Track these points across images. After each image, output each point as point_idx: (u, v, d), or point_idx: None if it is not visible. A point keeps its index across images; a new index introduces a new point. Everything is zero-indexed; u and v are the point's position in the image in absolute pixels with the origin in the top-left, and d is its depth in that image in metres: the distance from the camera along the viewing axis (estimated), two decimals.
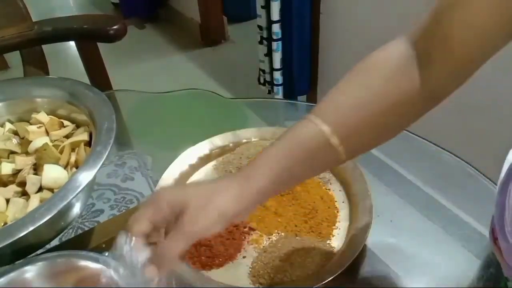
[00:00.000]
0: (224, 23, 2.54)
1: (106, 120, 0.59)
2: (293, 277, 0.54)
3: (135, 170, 0.82)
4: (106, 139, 0.56)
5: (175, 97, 0.96)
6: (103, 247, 0.61)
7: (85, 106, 0.64)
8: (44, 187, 0.57)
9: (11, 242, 0.45)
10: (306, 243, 0.58)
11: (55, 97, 0.67)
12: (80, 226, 0.71)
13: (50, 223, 0.47)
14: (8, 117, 0.68)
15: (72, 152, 0.61)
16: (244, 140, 0.75)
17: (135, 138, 0.93)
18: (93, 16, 1.21)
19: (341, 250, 0.57)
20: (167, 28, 2.75)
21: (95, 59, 1.13)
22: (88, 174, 0.51)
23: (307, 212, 0.62)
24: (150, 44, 2.62)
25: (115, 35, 1.02)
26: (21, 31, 1.00)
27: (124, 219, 0.65)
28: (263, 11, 1.68)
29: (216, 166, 0.72)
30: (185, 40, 2.60)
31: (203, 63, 2.40)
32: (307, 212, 0.62)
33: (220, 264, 0.57)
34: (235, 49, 2.52)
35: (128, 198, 0.76)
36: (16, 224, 0.46)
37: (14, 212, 0.55)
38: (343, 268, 0.52)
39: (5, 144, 0.62)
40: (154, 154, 0.85)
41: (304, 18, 1.65)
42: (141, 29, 2.77)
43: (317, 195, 0.65)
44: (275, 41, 1.70)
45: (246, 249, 0.59)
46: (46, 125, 0.65)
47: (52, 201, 0.48)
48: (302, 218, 0.62)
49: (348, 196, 0.65)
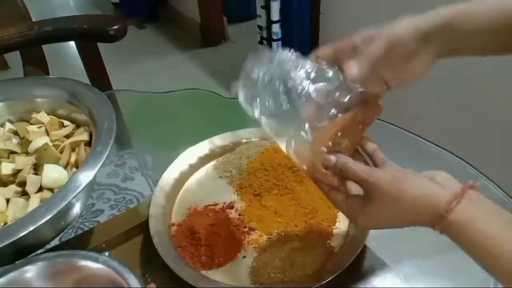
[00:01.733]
0: (224, 23, 2.55)
1: (106, 120, 0.59)
2: (293, 277, 0.54)
3: (135, 170, 0.82)
4: (106, 139, 0.56)
5: (175, 97, 0.96)
6: (103, 247, 0.61)
7: (85, 106, 0.64)
8: (44, 187, 0.57)
9: (11, 242, 0.45)
10: (306, 243, 0.58)
11: (55, 97, 0.67)
12: (80, 226, 0.71)
13: (50, 223, 0.47)
14: (8, 117, 0.68)
15: (72, 152, 0.61)
16: (244, 140, 0.75)
17: (135, 138, 0.93)
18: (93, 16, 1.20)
19: (341, 250, 0.57)
20: (167, 28, 2.75)
21: (95, 59, 1.13)
22: (88, 174, 0.51)
23: (307, 212, 0.62)
24: (150, 44, 2.62)
25: (115, 35, 1.02)
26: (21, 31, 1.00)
27: (124, 219, 0.66)
28: (263, 11, 1.68)
29: (216, 166, 0.72)
30: (185, 40, 2.60)
31: (203, 63, 2.40)
32: (307, 212, 0.62)
33: (220, 264, 0.57)
34: (235, 49, 2.52)
35: (128, 198, 0.76)
36: (16, 224, 0.47)
37: (14, 212, 0.55)
38: (343, 268, 0.52)
39: (5, 144, 0.62)
40: (154, 154, 0.85)
41: (304, 18, 1.65)
42: (141, 29, 2.77)
43: (317, 195, 0.65)
44: (275, 41, 1.70)
45: (246, 249, 0.59)
46: (46, 125, 0.65)
47: (52, 201, 0.48)
48: (302, 218, 0.62)
49: None
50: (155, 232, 0.58)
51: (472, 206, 0.38)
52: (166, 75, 2.29)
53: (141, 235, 0.62)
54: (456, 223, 0.38)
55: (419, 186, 0.41)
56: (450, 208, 0.38)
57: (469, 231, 0.37)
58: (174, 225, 0.63)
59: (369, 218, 0.44)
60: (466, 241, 0.38)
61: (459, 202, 0.38)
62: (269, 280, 0.54)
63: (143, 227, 0.61)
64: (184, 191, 0.69)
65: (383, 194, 0.42)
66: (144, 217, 0.62)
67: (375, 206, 0.43)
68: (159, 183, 0.66)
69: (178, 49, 2.55)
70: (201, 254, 0.58)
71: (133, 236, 0.62)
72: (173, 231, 0.62)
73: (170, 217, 0.64)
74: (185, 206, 0.66)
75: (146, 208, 0.62)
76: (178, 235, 0.61)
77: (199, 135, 0.75)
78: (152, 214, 0.61)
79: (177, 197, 0.68)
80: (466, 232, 0.38)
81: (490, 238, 0.37)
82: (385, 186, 0.42)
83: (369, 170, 0.44)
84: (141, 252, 0.60)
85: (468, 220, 0.38)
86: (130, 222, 0.64)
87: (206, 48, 2.53)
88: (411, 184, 0.41)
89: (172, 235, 0.61)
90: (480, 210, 0.38)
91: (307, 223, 0.61)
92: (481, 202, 0.39)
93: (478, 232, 0.37)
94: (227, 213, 0.64)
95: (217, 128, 0.76)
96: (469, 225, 0.37)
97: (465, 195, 0.38)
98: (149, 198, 0.64)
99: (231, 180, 0.69)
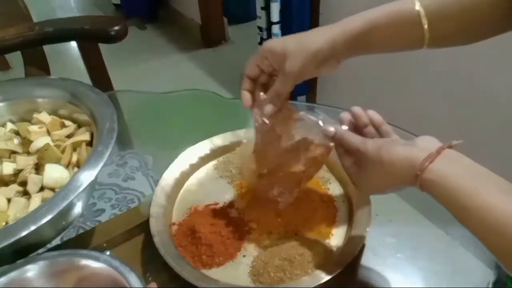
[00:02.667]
0: (225, 24, 2.55)
1: (107, 120, 0.59)
2: (293, 276, 0.54)
3: (136, 170, 0.82)
4: (108, 139, 0.56)
5: (176, 97, 0.96)
6: (104, 247, 0.61)
7: (87, 106, 0.64)
8: (45, 186, 0.57)
9: (13, 242, 0.45)
10: (305, 243, 0.58)
11: (57, 97, 0.67)
12: (81, 226, 0.71)
13: (52, 222, 0.47)
14: (10, 117, 0.68)
15: (73, 152, 0.61)
16: (244, 140, 0.75)
17: (136, 138, 0.93)
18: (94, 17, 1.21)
19: (341, 250, 0.57)
20: (168, 29, 2.76)
21: (96, 59, 1.13)
22: (89, 174, 0.52)
23: (306, 212, 0.62)
24: (151, 44, 2.62)
25: (116, 36, 1.02)
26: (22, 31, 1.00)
27: (125, 219, 0.66)
28: (263, 12, 1.68)
29: (217, 166, 0.73)
30: (185, 40, 2.61)
31: (204, 63, 2.40)
32: (306, 212, 0.62)
33: (221, 263, 0.57)
34: (235, 50, 2.52)
35: (129, 197, 0.77)
36: (18, 224, 0.47)
37: (15, 212, 0.55)
38: (343, 267, 0.52)
39: (7, 144, 0.63)
40: (155, 154, 0.85)
41: (304, 19, 1.65)
42: (142, 30, 2.77)
43: (316, 195, 0.65)
44: None
45: (246, 248, 0.59)
46: (48, 125, 0.65)
47: (54, 201, 0.49)
48: (302, 218, 0.62)
49: (348, 195, 0.65)
50: (156, 232, 0.59)
51: (446, 163, 0.40)
52: (167, 75, 2.29)
53: (142, 235, 0.62)
54: (430, 180, 0.40)
55: (398, 152, 0.44)
56: (424, 167, 0.41)
57: (442, 187, 0.40)
58: (175, 224, 0.63)
59: (363, 184, 0.50)
60: (441, 197, 0.40)
61: (433, 161, 0.40)
62: (269, 280, 0.54)
63: (144, 227, 0.61)
64: (185, 191, 0.69)
65: (369, 162, 0.46)
66: (145, 217, 0.62)
67: (366, 173, 0.48)
68: (159, 182, 0.67)
69: (179, 50, 2.56)
70: (202, 254, 0.58)
71: (134, 235, 0.63)
72: (174, 230, 0.62)
73: (170, 216, 0.64)
74: (186, 206, 0.66)
75: (147, 207, 0.63)
76: (179, 234, 0.61)
77: (199, 135, 0.75)
78: (153, 214, 0.61)
79: (177, 196, 0.68)
80: (441, 189, 0.40)
81: (464, 192, 0.38)
82: (371, 154, 0.46)
83: (361, 141, 0.48)
84: (142, 252, 0.61)
85: (440, 178, 0.40)
86: (131, 221, 0.64)
87: (206, 49, 2.54)
88: (392, 150, 0.44)
89: (172, 235, 0.61)
90: (455, 167, 0.40)
91: (307, 222, 0.61)
92: (457, 159, 0.41)
93: (451, 188, 0.39)
94: (228, 212, 0.64)
95: (217, 128, 0.76)
96: (442, 182, 0.40)
97: (441, 154, 0.41)
98: (150, 198, 0.64)
99: (232, 180, 0.70)
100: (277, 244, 0.59)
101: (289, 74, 0.52)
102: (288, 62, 0.51)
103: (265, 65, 0.54)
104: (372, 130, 0.52)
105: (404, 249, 0.60)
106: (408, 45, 0.51)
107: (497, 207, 0.36)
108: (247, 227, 0.62)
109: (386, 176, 0.45)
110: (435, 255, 0.60)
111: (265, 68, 0.55)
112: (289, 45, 0.51)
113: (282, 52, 0.51)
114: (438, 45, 0.51)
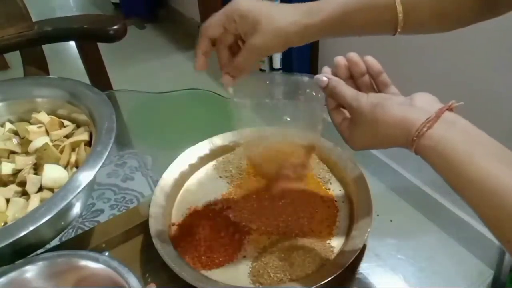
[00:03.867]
0: None
1: (106, 120, 0.59)
2: (293, 277, 0.54)
3: (135, 170, 0.82)
4: (106, 139, 0.56)
5: (175, 97, 0.96)
6: (103, 247, 0.61)
7: (86, 106, 0.64)
8: (44, 187, 0.57)
9: (11, 242, 0.45)
10: (306, 243, 0.58)
11: (55, 97, 0.67)
12: (80, 226, 0.71)
13: (50, 223, 0.47)
14: (9, 117, 0.68)
15: (72, 152, 0.61)
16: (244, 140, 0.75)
17: (135, 138, 0.93)
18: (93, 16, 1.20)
19: (341, 250, 0.57)
20: (167, 28, 2.75)
21: (95, 59, 1.13)
22: (88, 174, 0.51)
23: (307, 212, 0.62)
24: (150, 44, 2.62)
25: (115, 35, 1.02)
26: (21, 31, 1.00)
27: (124, 219, 0.66)
28: None
29: (216, 166, 0.72)
30: (185, 40, 2.60)
31: None
32: (307, 212, 0.62)
33: (220, 264, 0.57)
34: None
35: (128, 198, 0.77)
36: (16, 224, 0.46)
37: (14, 212, 0.55)
38: (343, 268, 0.52)
39: (5, 144, 0.62)
40: (154, 154, 0.85)
41: None
42: (141, 29, 2.77)
43: (317, 195, 0.65)
44: None
45: (246, 248, 0.59)
46: (46, 125, 0.65)
47: (52, 201, 0.48)
48: (302, 218, 0.62)
49: (348, 196, 0.65)
50: (155, 232, 0.58)
51: (444, 129, 0.39)
52: (166, 75, 2.29)
53: (141, 235, 0.62)
54: (426, 146, 0.39)
55: (395, 112, 0.42)
56: (421, 133, 0.39)
57: (438, 154, 0.39)
58: (174, 225, 0.63)
59: (354, 140, 0.47)
60: (437, 164, 0.39)
61: (431, 127, 0.39)
62: (269, 280, 0.54)
63: (143, 227, 0.61)
64: (184, 191, 0.69)
65: (363, 119, 0.44)
66: (144, 217, 0.62)
67: (358, 129, 0.46)
68: (159, 183, 0.66)
69: (178, 49, 2.55)
70: (201, 254, 0.58)
71: (133, 236, 0.62)
72: (173, 231, 0.62)
73: (170, 217, 0.64)
74: (185, 206, 0.66)
75: (146, 208, 0.62)
76: (178, 235, 0.61)
77: (199, 135, 0.75)
78: (152, 214, 0.61)
79: (177, 197, 0.68)
80: (436, 156, 0.39)
81: (460, 161, 0.37)
82: (364, 112, 0.44)
83: (355, 96, 0.46)
84: (141, 252, 0.60)
85: (437, 145, 0.39)
86: (130, 222, 0.64)
87: None
88: (387, 110, 0.42)
89: (172, 235, 0.61)
90: (453, 133, 0.39)
91: (307, 223, 0.61)
92: (456, 124, 0.40)
93: (447, 155, 0.38)
94: (227, 213, 0.64)
95: (217, 128, 0.76)
96: (438, 149, 0.39)
97: (440, 118, 0.39)
98: (149, 198, 0.64)
99: (231, 180, 0.69)
100: (277, 244, 0.59)
101: (255, 50, 0.49)
102: (256, 38, 0.48)
103: (232, 27, 0.50)
104: (367, 80, 0.50)
105: (404, 249, 0.60)
106: (381, 30, 0.50)
107: (495, 177, 0.35)
108: (247, 227, 0.61)
109: (380, 136, 0.44)
110: (435, 255, 0.60)
111: (231, 30, 0.51)
112: (262, 19, 0.48)
113: (252, 23, 0.48)
114: (411, 31, 0.50)
